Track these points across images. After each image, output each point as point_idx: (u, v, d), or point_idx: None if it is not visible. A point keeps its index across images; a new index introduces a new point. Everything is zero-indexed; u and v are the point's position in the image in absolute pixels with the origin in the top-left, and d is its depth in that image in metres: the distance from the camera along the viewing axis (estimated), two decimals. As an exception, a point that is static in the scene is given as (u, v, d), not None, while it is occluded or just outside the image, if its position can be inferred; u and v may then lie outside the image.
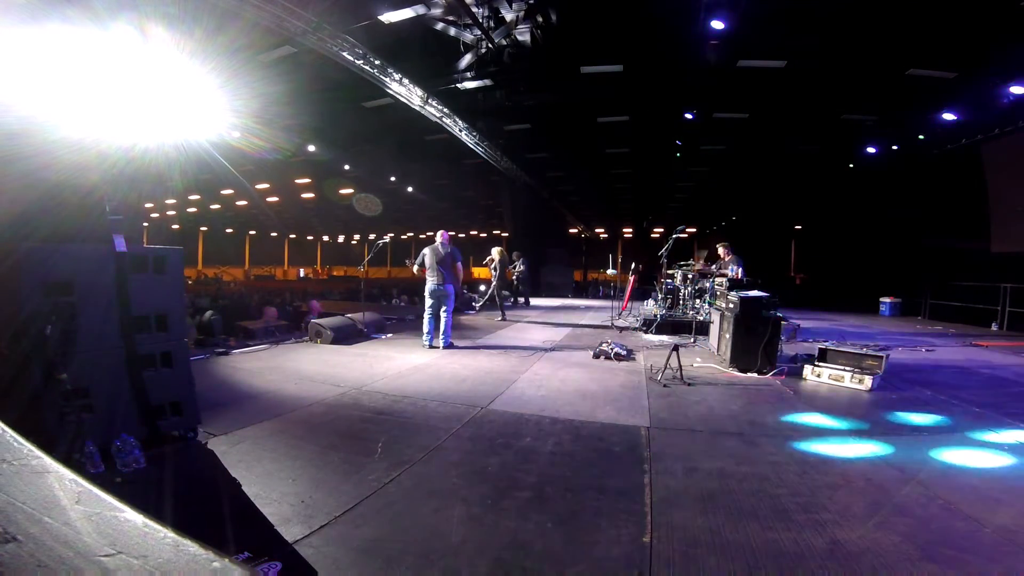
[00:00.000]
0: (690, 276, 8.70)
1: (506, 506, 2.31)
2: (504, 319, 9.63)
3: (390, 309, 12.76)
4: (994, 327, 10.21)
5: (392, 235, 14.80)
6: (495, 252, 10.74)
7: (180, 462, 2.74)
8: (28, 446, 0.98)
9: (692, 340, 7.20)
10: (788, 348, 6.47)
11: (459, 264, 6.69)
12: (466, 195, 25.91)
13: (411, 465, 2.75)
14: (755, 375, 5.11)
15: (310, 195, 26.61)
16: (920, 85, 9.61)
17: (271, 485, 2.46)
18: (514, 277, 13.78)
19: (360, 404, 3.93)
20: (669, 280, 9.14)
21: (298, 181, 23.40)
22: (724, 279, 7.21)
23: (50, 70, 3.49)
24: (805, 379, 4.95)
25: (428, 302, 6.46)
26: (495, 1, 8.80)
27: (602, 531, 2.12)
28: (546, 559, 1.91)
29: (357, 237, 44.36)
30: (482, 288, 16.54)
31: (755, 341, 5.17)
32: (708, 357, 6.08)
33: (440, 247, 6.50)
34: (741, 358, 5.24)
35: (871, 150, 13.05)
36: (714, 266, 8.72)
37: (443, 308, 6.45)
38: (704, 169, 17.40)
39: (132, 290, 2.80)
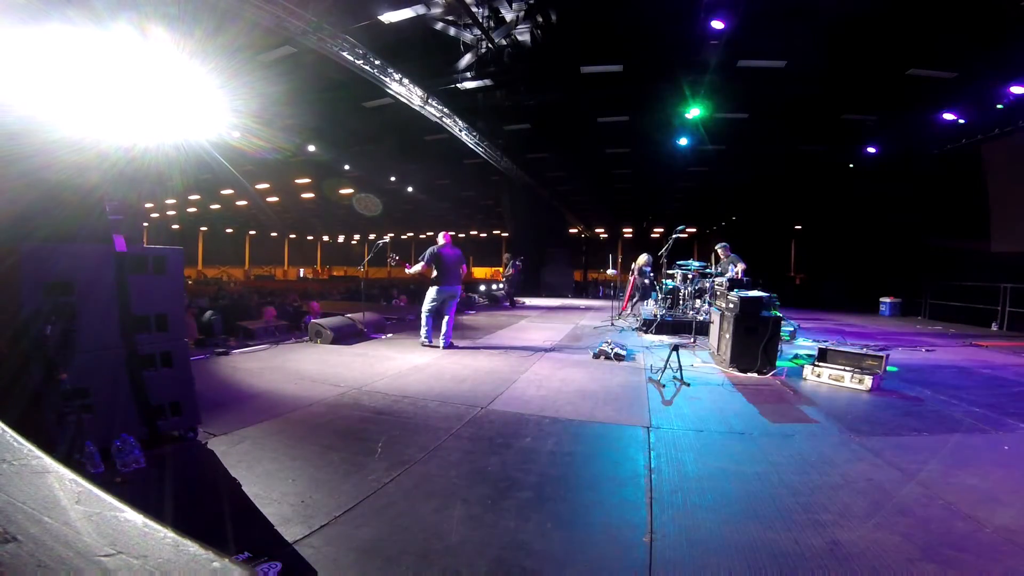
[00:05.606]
0: (690, 276, 8.70)
1: (506, 506, 2.31)
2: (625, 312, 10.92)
3: (390, 309, 12.77)
4: (994, 327, 10.21)
5: (392, 235, 14.83)
6: (641, 259, 10.98)
7: (180, 462, 2.74)
8: (28, 446, 0.98)
9: (692, 340, 7.20)
10: (788, 348, 6.47)
11: (463, 266, 6.73)
12: (466, 195, 25.92)
13: (411, 465, 2.75)
14: (755, 375, 5.11)
15: (310, 195, 26.62)
16: (920, 85, 9.61)
17: (271, 485, 2.46)
18: (504, 279, 14.01)
19: (360, 404, 3.93)
20: (669, 280, 9.14)
21: (298, 181, 23.40)
22: (724, 279, 7.21)
23: (50, 70, 3.49)
24: (805, 379, 4.95)
25: (431, 304, 6.45)
26: (495, 1, 8.80)
27: (602, 531, 2.12)
28: (546, 559, 1.90)
29: (357, 237, 44.37)
30: (482, 287, 16.59)
31: (755, 341, 5.16)
32: (708, 357, 6.07)
33: (451, 248, 6.53)
34: (741, 358, 5.24)
35: (871, 150, 13.05)
36: (716, 267, 8.73)
37: (446, 308, 6.47)
38: (704, 169, 17.40)
39: (132, 290, 2.80)
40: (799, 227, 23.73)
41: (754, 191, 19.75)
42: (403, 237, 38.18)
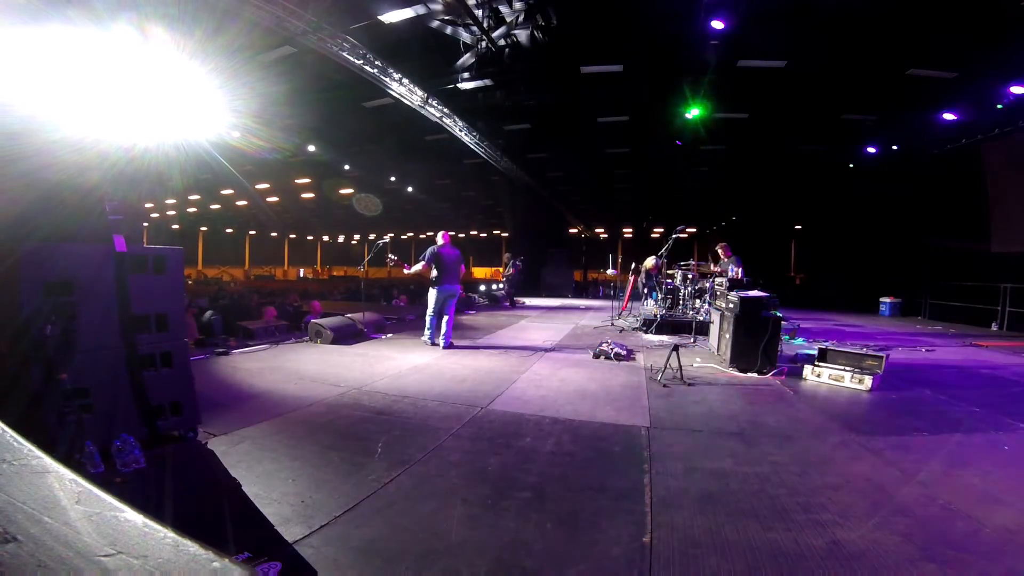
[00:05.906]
0: (690, 276, 8.70)
1: (506, 506, 2.31)
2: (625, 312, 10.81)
3: (390, 309, 12.77)
4: (994, 327, 10.21)
5: (392, 235, 14.85)
6: (648, 261, 10.57)
7: (180, 462, 2.74)
8: (28, 446, 0.98)
9: (692, 340, 7.20)
10: (788, 348, 6.47)
11: (462, 266, 6.75)
12: (466, 195, 25.92)
13: (411, 465, 2.75)
14: (755, 375, 5.11)
15: (310, 195, 26.61)
16: (920, 85, 9.61)
17: (271, 485, 2.46)
18: (504, 279, 14.05)
19: (360, 404, 3.93)
20: (669, 280, 9.14)
21: (298, 181, 23.40)
22: (724, 279, 7.21)
23: (50, 70, 3.49)
24: (805, 379, 4.94)
25: (434, 305, 6.46)
26: (495, 1, 8.80)
27: (602, 531, 2.12)
28: (546, 559, 1.90)
29: (357, 237, 44.37)
30: (482, 287, 16.61)
31: (755, 341, 5.16)
32: (708, 357, 6.07)
33: (450, 248, 6.54)
34: (741, 358, 5.24)
35: (871, 150, 13.05)
36: (715, 267, 8.73)
37: (446, 308, 6.48)
38: (704, 169, 17.41)
39: (132, 290, 2.80)
40: (799, 227, 23.72)
41: (754, 191, 19.76)
42: (403, 237, 38.18)
